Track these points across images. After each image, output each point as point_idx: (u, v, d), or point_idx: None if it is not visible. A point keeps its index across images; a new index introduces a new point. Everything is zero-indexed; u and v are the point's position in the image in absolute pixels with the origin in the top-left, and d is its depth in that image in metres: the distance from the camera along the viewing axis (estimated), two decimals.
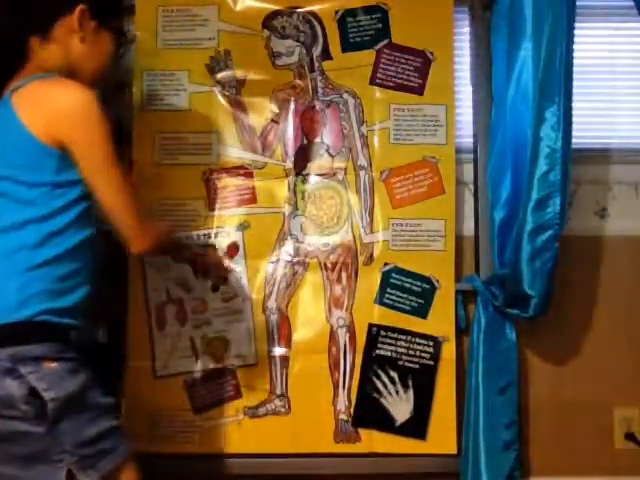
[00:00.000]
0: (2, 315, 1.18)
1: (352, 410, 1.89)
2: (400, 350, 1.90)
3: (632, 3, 1.87)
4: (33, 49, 1.28)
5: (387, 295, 1.91)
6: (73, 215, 1.24)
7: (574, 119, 1.83)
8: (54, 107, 1.21)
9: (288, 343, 1.90)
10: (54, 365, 1.19)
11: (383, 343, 1.90)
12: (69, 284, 1.23)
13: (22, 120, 1.20)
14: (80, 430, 1.21)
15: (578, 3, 1.82)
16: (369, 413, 1.89)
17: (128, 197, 1.27)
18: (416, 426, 1.88)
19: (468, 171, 2.02)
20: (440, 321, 1.91)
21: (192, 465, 1.90)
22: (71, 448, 1.19)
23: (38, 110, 1.20)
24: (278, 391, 1.89)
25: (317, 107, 1.95)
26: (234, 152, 1.94)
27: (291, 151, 1.94)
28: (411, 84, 1.95)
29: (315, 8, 1.95)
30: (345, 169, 1.94)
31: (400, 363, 1.89)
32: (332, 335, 1.91)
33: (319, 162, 1.94)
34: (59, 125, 1.20)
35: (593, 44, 2.12)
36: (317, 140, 1.94)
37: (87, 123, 1.21)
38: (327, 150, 1.94)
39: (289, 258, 1.92)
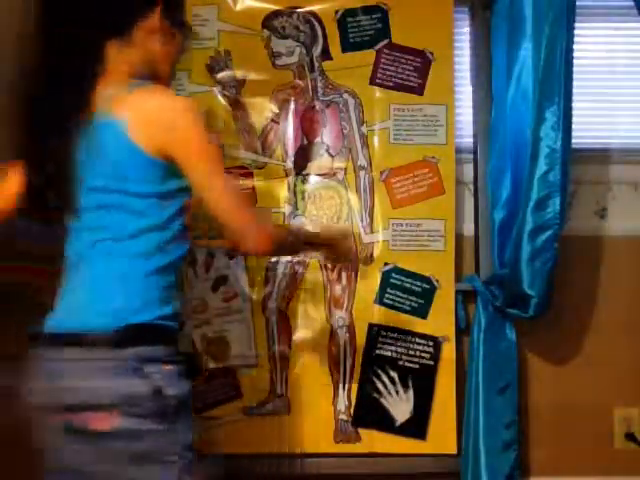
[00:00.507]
0: (127, 316, 1.20)
1: (352, 410, 1.89)
2: (400, 350, 1.90)
3: (632, 3, 1.87)
4: (111, 54, 1.25)
5: (387, 295, 1.91)
6: (176, 228, 1.25)
7: (574, 119, 1.83)
8: (158, 119, 1.20)
9: (288, 343, 1.90)
10: (170, 367, 1.22)
11: (383, 343, 1.90)
12: (170, 294, 1.26)
13: (129, 133, 1.18)
14: (187, 433, 1.25)
15: (578, 3, 1.82)
16: (369, 413, 1.89)
17: (238, 199, 1.28)
18: (416, 426, 1.88)
19: (468, 171, 2.02)
20: (440, 321, 1.91)
21: None
22: (180, 450, 1.22)
23: (143, 122, 1.19)
24: (278, 391, 1.89)
25: (317, 107, 1.95)
26: (234, 152, 1.94)
27: (291, 151, 1.94)
28: (411, 84, 1.95)
29: (315, 8, 1.95)
30: (345, 169, 1.94)
31: (400, 363, 1.90)
32: (332, 335, 1.91)
33: (319, 162, 1.94)
34: (164, 137, 1.19)
35: (593, 44, 2.12)
36: (317, 140, 1.94)
37: (190, 133, 1.21)
38: (327, 150, 1.94)
39: (289, 258, 1.92)
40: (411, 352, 1.90)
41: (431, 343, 1.89)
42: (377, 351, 1.90)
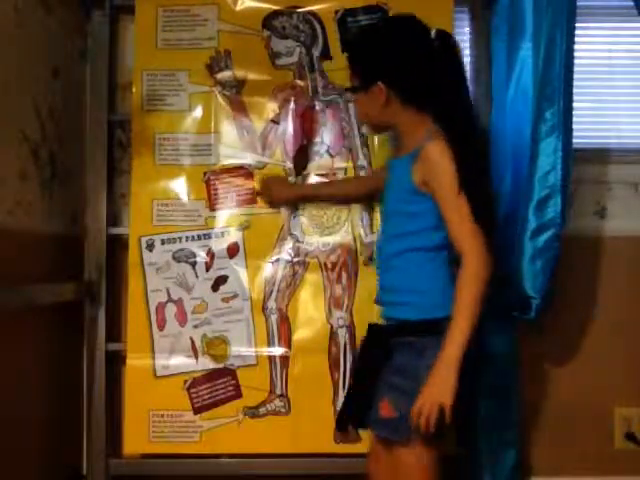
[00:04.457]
0: (436, 311, 1.42)
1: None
2: None
3: (632, 3, 1.87)
4: None
5: None
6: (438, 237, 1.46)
7: (574, 119, 1.83)
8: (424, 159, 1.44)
9: (288, 343, 1.90)
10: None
11: None
12: None
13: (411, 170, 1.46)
14: None
15: (578, 3, 1.82)
16: (369, 413, 1.88)
17: (471, 225, 1.39)
18: None
19: None
20: None
21: (192, 465, 1.90)
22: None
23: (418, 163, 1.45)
24: (278, 391, 1.89)
25: (317, 107, 1.95)
26: (234, 152, 1.94)
27: (291, 151, 1.94)
28: None
29: (315, 8, 1.95)
30: (345, 169, 1.94)
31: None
32: (332, 335, 1.91)
33: (319, 162, 1.94)
34: (426, 173, 1.43)
35: (593, 44, 2.12)
36: (317, 140, 1.94)
37: (438, 170, 1.41)
38: (327, 150, 1.94)
39: (289, 258, 1.92)
40: None
41: None
42: None
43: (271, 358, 1.90)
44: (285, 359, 1.90)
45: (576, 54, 1.82)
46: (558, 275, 1.85)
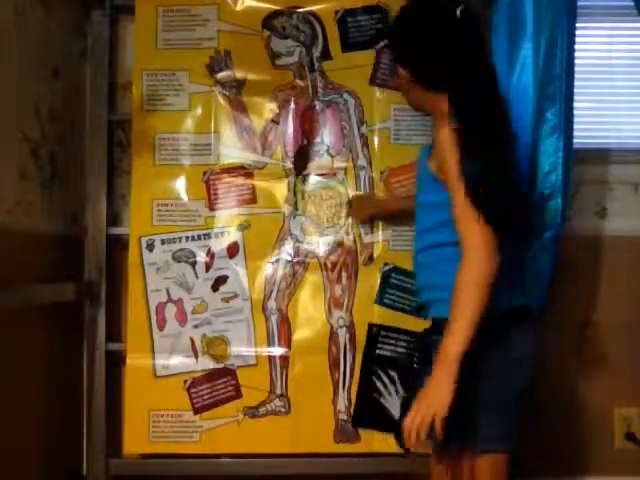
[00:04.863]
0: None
1: (352, 410, 1.88)
2: (400, 350, 1.90)
3: (632, 3, 1.87)
4: None
5: (387, 295, 1.91)
6: None
7: (574, 119, 1.83)
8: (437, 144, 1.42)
9: (288, 343, 1.90)
10: None
11: (383, 343, 1.90)
12: None
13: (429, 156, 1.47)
14: None
15: (578, 3, 1.82)
16: (369, 413, 1.89)
17: (473, 221, 1.32)
18: None
19: None
20: None
21: (192, 465, 1.90)
22: None
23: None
24: (278, 391, 1.89)
25: (317, 107, 1.95)
26: (234, 152, 1.94)
27: (291, 151, 1.94)
28: None
29: (315, 8, 1.95)
30: (345, 169, 1.94)
31: (400, 363, 1.89)
32: (332, 335, 1.91)
33: (319, 162, 1.94)
34: (440, 160, 1.40)
35: (592, 44, 2.12)
36: (317, 140, 1.94)
37: (446, 157, 1.37)
38: (327, 150, 1.94)
39: (289, 258, 1.92)
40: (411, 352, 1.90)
41: None
42: (377, 351, 1.90)
43: (271, 358, 1.90)
44: (285, 359, 1.90)
45: (576, 54, 1.82)
46: (558, 275, 1.85)
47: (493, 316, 1.31)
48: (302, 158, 1.93)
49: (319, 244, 1.92)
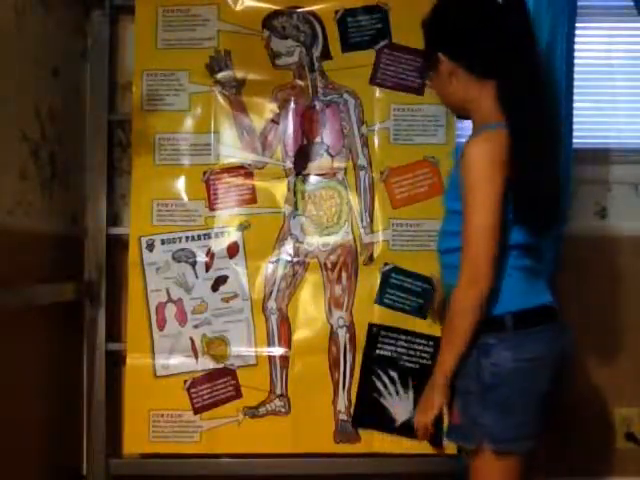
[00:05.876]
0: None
1: (352, 410, 1.88)
2: (400, 350, 1.90)
3: (631, 3, 1.87)
4: None
5: (387, 295, 1.91)
6: None
7: (573, 119, 1.83)
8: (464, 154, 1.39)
9: (288, 343, 1.90)
10: None
11: (383, 343, 1.90)
12: None
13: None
14: None
15: (578, 3, 1.82)
16: (369, 413, 1.88)
17: (479, 239, 1.34)
18: None
19: None
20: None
21: (192, 465, 1.90)
22: None
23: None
24: (278, 391, 1.89)
25: (317, 107, 1.95)
26: (234, 152, 1.94)
27: (291, 151, 1.94)
28: (411, 84, 1.95)
29: (315, 8, 1.96)
30: (345, 169, 1.94)
31: (400, 363, 1.89)
32: (332, 335, 1.91)
33: (319, 162, 1.94)
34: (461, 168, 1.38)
35: (592, 44, 2.12)
36: (317, 140, 1.94)
37: (467, 171, 1.35)
38: (327, 150, 1.94)
39: (289, 258, 1.92)
40: (411, 352, 1.90)
41: (431, 343, 1.89)
42: (377, 351, 1.90)
43: (271, 358, 1.90)
44: (285, 359, 1.90)
45: (576, 54, 1.82)
46: (558, 275, 1.85)
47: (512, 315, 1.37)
48: (302, 158, 1.93)
49: (319, 244, 1.92)
